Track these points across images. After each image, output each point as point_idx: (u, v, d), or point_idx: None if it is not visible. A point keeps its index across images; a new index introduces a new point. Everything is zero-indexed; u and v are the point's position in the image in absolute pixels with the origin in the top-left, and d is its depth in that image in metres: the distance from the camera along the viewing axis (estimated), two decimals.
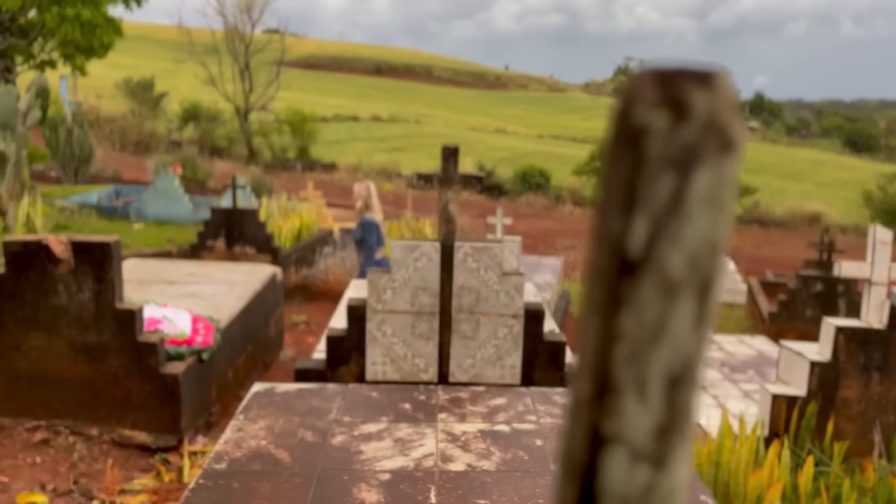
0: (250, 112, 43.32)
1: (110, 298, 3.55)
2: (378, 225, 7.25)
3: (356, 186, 7.47)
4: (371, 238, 7.14)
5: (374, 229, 7.15)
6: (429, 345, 3.59)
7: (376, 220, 7.25)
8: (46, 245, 3.51)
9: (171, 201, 13.47)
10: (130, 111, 44.02)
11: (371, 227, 7.15)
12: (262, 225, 9.46)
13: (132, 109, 44.18)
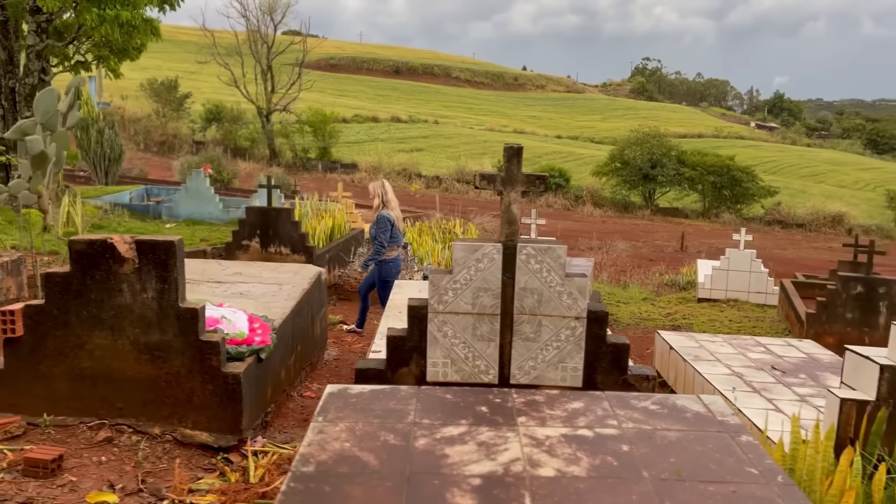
0: (272, 113, 43.52)
1: (173, 298, 3.55)
2: (392, 221, 7.12)
3: (371, 185, 7.43)
4: (383, 234, 7.02)
5: (388, 226, 7.03)
6: (490, 346, 3.56)
7: (391, 217, 7.14)
8: (112, 244, 3.51)
9: (202, 201, 13.54)
10: (154, 112, 44.44)
11: (384, 223, 7.02)
12: (296, 224, 9.47)
13: (156, 110, 44.59)
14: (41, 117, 8.47)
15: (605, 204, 41.14)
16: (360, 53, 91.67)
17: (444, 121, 68.94)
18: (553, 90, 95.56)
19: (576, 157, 55.72)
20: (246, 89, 41.93)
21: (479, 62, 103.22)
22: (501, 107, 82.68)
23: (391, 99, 79.76)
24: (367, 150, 52.20)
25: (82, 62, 12.58)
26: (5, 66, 11.35)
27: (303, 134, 44.49)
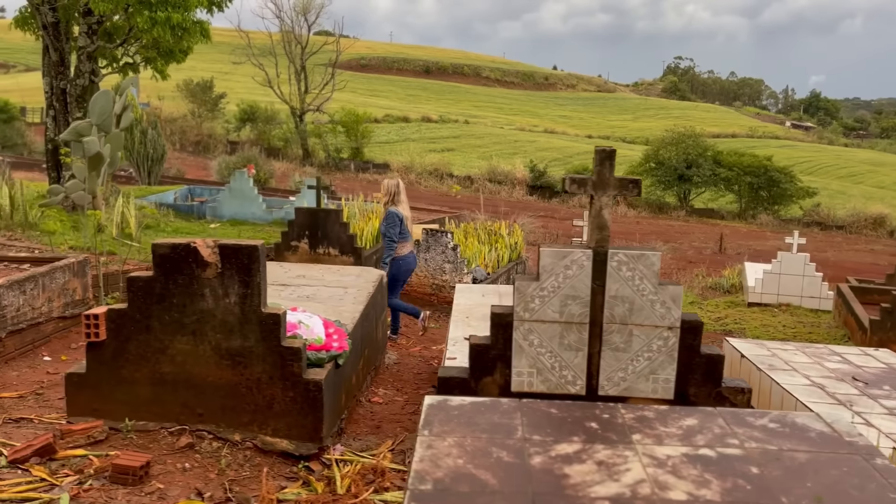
0: (305, 113, 43.77)
1: (256, 303, 3.49)
2: (402, 218, 7.12)
3: (386, 182, 7.40)
4: (392, 230, 7.00)
5: (397, 221, 7.02)
6: (577, 356, 3.45)
7: (400, 213, 7.13)
8: (195, 248, 3.47)
9: (245, 201, 13.60)
10: (190, 112, 44.94)
11: (393, 219, 7.02)
12: (345, 226, 9.44)
13: (192, 110, 45.08)
14: (97, 118, 8.53)
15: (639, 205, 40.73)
16: (390, 53, 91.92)
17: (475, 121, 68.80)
18: (584, 90, 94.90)
19: None
20: (280, 89, 42.23)
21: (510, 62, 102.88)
22: (532, 106, 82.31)
23: (421, 99, 79.86)
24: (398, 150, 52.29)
25: (130, 64, 12.69)
26: (57, 68, 11.48)
27: (335, 134, 44.68)
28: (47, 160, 11.89)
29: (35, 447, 3.22)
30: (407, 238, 7.22)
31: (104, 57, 12.53)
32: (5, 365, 4.82)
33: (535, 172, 42.65)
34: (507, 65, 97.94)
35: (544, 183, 42.54)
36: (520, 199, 41.20)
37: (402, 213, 7.13)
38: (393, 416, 4.49)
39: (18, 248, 8.00)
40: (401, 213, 7.12)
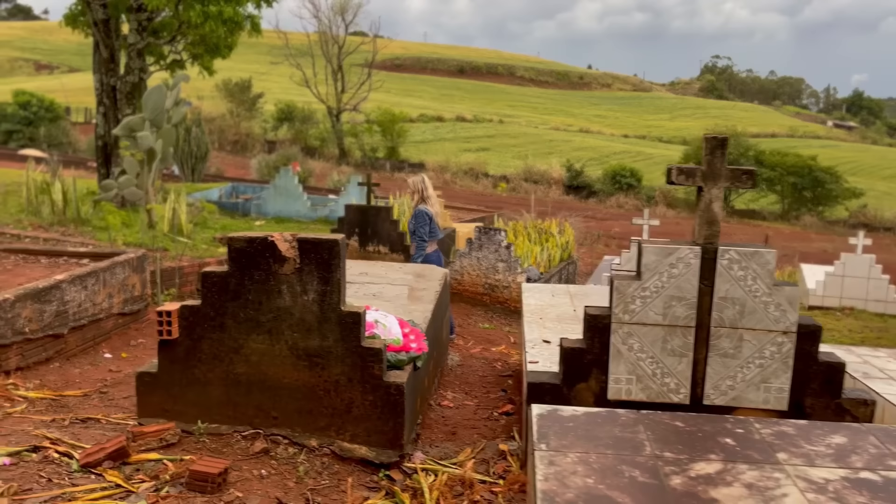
0: (342, 112, 43.86)
1: (335, 300, 3.28)
2: (431, 216, 6.88)
3: (411, 180, 7.15)
4: (422, 229, 6.76)
5: (426, 220, 6.79)
6: (681, 362, 3.17)
7: (429, 211, 6.89)
8: (272, 242, 3.27)
9: (290, 198, 13.50)
10: (228, 112, 45.31)
11: (422, 217, 6.78)
12: (395, 223, 9.25)
13: (230, 110, 45.45)
14: (150, 113, 8.46)
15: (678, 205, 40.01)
16: (424, 53, 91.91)
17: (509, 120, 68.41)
18: (619, 89, 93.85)
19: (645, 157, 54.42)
20: (317, 89, 42.38)
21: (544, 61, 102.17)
22: (566, 106, 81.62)
23: (455, 98, 79.69)
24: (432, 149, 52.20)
25: (178, 60, 12.67)
26: (107, 65, 11.49)
27: (371, 133, 44.69)
28: (97, 157, 11.91)
29: (108, 451, 3.05)
30: (437, 236, 7.00)
31: (152, 54, 12.52)
32: (67, 362, 4.70)
33: (571, 172, 42.16)
34: (542, 64, 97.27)
35: (581, 183, 42.03)
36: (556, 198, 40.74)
37: (430, 211, 6.92)
38: (466, 421, 4.25)
39: (73, 243, 7.95)
40: (430, 211, 6.90)
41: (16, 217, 9.21)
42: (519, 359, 6.01)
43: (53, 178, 10.04)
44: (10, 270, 5.19)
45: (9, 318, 4.22)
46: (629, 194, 40.18)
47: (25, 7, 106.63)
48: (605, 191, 40.30)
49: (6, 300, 4.19)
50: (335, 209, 13.68)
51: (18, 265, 5.38)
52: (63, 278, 4.69)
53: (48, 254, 5.59)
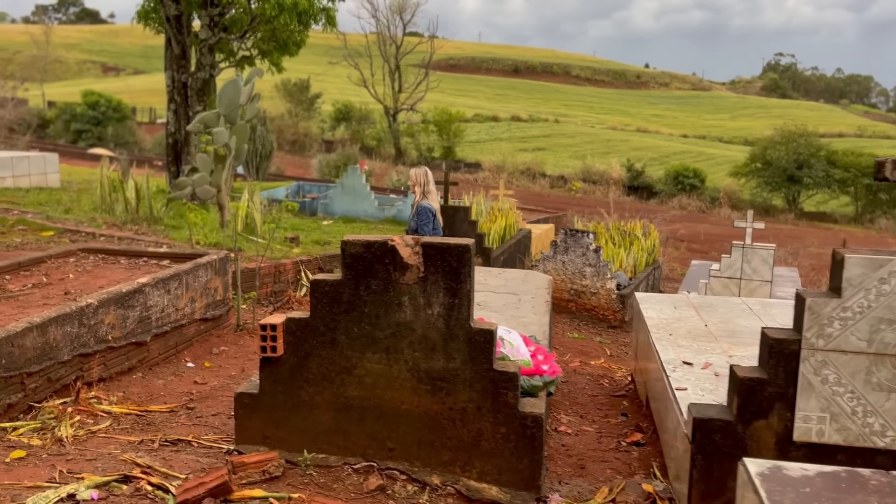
0: (399, 112, 43.72)
1: (464, 315, 2.80)
2: (435, 213, 6.35)
3: (413, 171, 6.59)
4: (426, 227, 6.23)
5: (430, 217, 6.25)
6: (890, 399, 2.60)
7: (433, 207, 6.35)
8: (393, 247, 2.81)
9: (357, 198, 13.16)
10: (287, 111, 45.64)
11: (426, 214, 6.25)
12: (473, 224, 8.78)
13: (289, 110, 45.78)
14: (224, 108, 8.16)
15: (743, 206, 38.53)
16: (479, 53, 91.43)
17: (565, 119, 67.39)
18: (677, 88, 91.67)
19: (706, 157, 52.81)
20: (374, 89, 42.32)
21: (600, 60, 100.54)
22: (623, 105, 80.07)
23: (510, 98, 79.00)
24: (488, 149, 51.69)
25: (247, 57, 12.45)
26: (178, 61, 11.32)
27: (428, 133, 44.42)
28: (167, 154, 11.77)
29: (209, 486, 2.63)
30: (440, 234, 6.47)
31: (221, 51, 12.33)
32: (150, 372, 4.35)
33: (632, 172, 41.09)
34: (598, 63, 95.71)
35: (641, 183, 40.92)
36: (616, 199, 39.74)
37: (434, 207, 6.38)
38: (592, 452, 3.72)
39: (147, 242, 7.69)
40: (433, 208, 6.37)
41: (90, 215, 9.05)
42: (624, 375, 5.45)
43: (125, 177, 9.89)
44: (90, 272, 4.89)
45: (91, 325, 3.87)
46: (692, 195, 38.92)
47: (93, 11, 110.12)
48: (666, 191, 39.10)
49: (89, 306, 3.85)
50: (403, 209, 13.29)
51: (98, 266, 5.08)
52: (146, 282, 4.34)
53: (127, 254, 5.28)
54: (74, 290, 4.46)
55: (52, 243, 7.44)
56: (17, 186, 12.07)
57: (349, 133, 45.11)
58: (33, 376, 3.52)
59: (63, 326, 3.68)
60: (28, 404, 3.50)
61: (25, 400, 3.48)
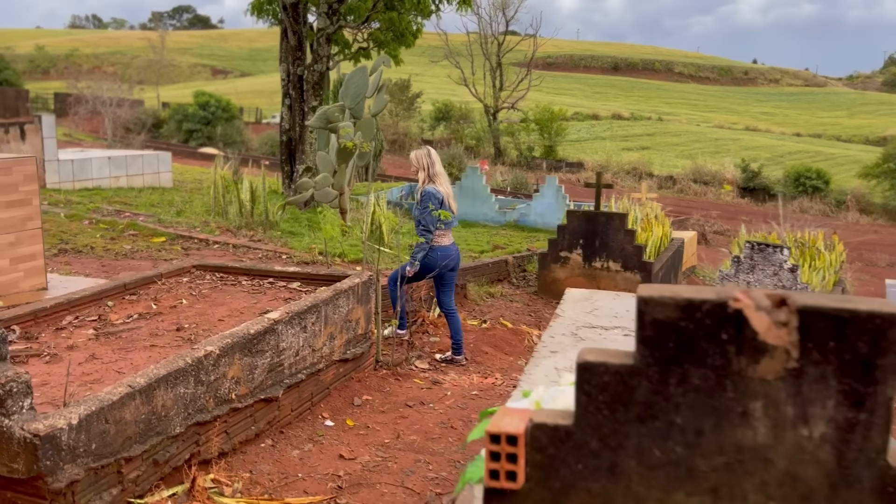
0: (499, 111, 42.52)
1: (875, 444, 1.52)
2: (441, 198, 5.04)
3: (414, 154, 5.31)
4: (430, 216, 4.95)
5: (436, 203, 4.98)
6: None
7: (439, 192, 5.04)
8: (738, 312, 1.55)
9: (476, 200, 12.00)
10: (388, 111, 45.25)
11: (429, 200, 4.97)
12: (630, 234, 7.41)
13: (389, 109, 45.36)
14: (350, 101, 7.17)
15: (874, 210, 35.10)
16: (577, 51, 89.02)
17: (668, 118, 64.40)
18: (789, 84, 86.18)
19: (826, 157, 48.85)
20: (475, 88, 41.31)
21: (705, 56, 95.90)
22: (729, 103, 75.88)
23: (609, 96, 76.39)
24: (588, 148, 49.81)
25: (363, 49, 11.52)
26: (294, 53, 10.49)
27: (528, 132, 43.01)
28: (280, 153, 10.98)
29: None
30: (450, 225, 5.15)
31: (336, 43, 11.44)
32: (281, 437, 3.27)
33: (747, 173, 38.27)
34: (703, 59, 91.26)
35: (758, 184, 38.02)
36: (729, 202, 37.11)
37: (441, 192, 5.07)
38: None
39: (264, 251, 6.77)
40: (440, 193, 5.06)
41: (202, 218, 8.28)
42: None
43: (237, 177, 9.10)
44: (207, 297, 3.87)
45: (211, 381, 2.82)
46: (814, 198, 35.79)
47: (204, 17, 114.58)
48: (786, 193, 36.11)
49: (209, 356, 2.79)
50: (526, 213, 12.03)
51: (216, 289, 4.07)
52: (278, 318, 3.26)
53: (250, 273, 4.26)
54: (189, 325, 3.45)
55: (164, 251, 6.63)
56: (131, 186, 11.61)
57: (448, 132, 44.25)
58: (134, 461, 2.48)
59: (175, 387, 2.63)
60: (126, 502, 2.46)
61: (122, 496, 2.45)
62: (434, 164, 5.16)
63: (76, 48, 74.73)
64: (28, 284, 4.44)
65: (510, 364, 5.33)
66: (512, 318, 7.08)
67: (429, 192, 5.03)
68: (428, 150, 5.25)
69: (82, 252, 6.24)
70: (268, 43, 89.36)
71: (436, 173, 5.12)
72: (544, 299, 7.76)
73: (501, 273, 8.27)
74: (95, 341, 3.21)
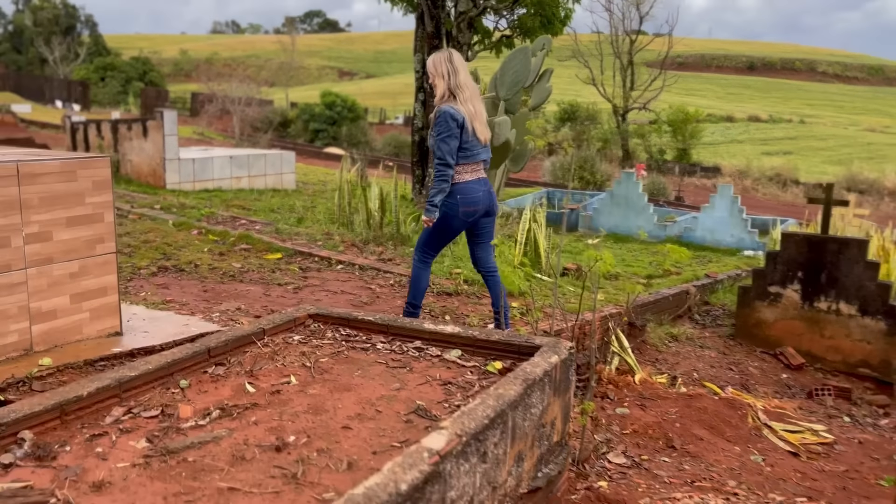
0: (629, 112, 39.98)
1: None
2: (461, 119, 3.72)
3: (430, 59, 3.90)
4: (445, 142, 3.69)
5: (451, 125, 3.68)
6: None
7: (458, 112, 3.72)
8: None
9: (630, 211, 10.22)
10: None
11: (444, 122, 3.69)
12: (871, 267, 5.48)
13: None
14: (506, 90, 5.70)
15: None
16: (708, 50, 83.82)
17: (810, 120, 58.90)
18: None
19: None
20: (603, 87, 39.04)
21: (852, 54, 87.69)
22: (881, 104, 68.74)
23: (744, 97, 71.22)
24: (724, 152, 46.18)
25: (507, 37, 10.05)
26: (430, 41, 9.18)
27: (660, 134, 40.17)
28: (412, 155, 9.71)
29: None
30: (476, 156, 3.83)
31: (476, 30, 10.02)
32: None
33: None
34: (850, 58, 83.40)
35: None
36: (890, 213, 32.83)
37: (461, 113, 3.73)
38: None
39: (396, 276, 5.41)
40: (460, 113, 3.73)
41: (325, 228, 7.09)
42: None
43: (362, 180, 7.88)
44: (327, 373, 2.51)
45: None
46: None
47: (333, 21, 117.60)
48: None
49: None
50: (691, 227, 10.14)
51: (340, 356, 2.70)
52: (445, 447, 1.82)
53: (388, 332, 2.87)
54: (296, 437, 2.07)
55: (278, 271, 5.42)
56: (252, 187, 10.74)
57: (573, 133, 42.13)
58: None
59: None
60: None
61: None
62: (458, 73, 3.80)
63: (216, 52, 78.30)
64: (95, 329, 3.25)
65: (742, 461, 3.68)
66: (710, 375, 5.38)
67: (444, 113, 3.72)
68: (450, 54, 3.86)
69: (184, 271, 5.13)
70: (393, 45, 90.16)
71: (459, 85, 3.79)
72: (745, 346, 5.97)
73: (681, 306, 6.56)
74: (143, 469, 1.88)
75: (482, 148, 3.89)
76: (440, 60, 3.84)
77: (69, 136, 10.82)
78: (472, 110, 3.80)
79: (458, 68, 3.82)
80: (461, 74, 3.81)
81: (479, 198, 3.88)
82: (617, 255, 8.82)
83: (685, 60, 78.40)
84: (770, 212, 25.24)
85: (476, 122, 3.80)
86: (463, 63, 3.87)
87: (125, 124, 9.98)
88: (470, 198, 3.83)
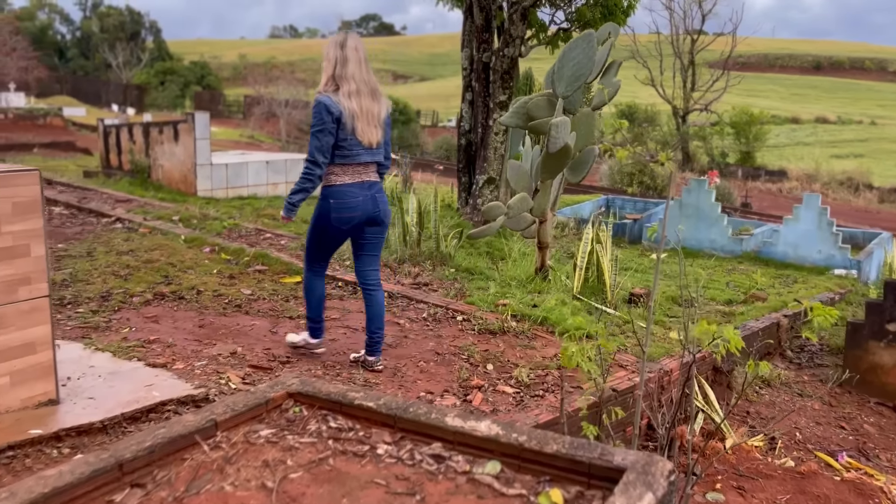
0: (689, 113, 38.22)
1: None
2: (337, 114, 3.12)
3: (326, 43, 3.28)
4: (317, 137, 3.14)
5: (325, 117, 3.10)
6: None
7: (334, 105, 3.13)
8: None
9: (702, 222, 9.06)
10: None
11: (319, 113, 3.12)
12: None
13: None
14: (566, 86, 4.75)
15: None
16: (772, 50, 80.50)
17: (882, 121, 55.67)
18: None
19: None
20: (662, 88, 37.42)
21: None
22: None
23: (810, 98, 67.99)
24: (790, 154, 43.84)
25: (565, 30, 9.05)
26: (480, 35, 8.27)
27: (723, 136, 38.27)
28: (458, 159, 8.81)
29: None
30: (354, 157, 3.22)
31: (530, 24, 9.05)
32: None
33: None
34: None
35: None
36: None
37: (338, 106, 3.15)
38: None
39: (431, 306, 4.50)
40: (336, 106, 3.15)
41: None
42: None
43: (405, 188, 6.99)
44: (306, 492, 1.56)
45: None
46: None
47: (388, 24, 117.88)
48: None
49: None
50: (771, 241, 8.93)
51: (319, 476, 1.79)
52: None
53: (396, 425, 1.94)
54: None
55: (293, 299, 4.58)
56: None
57: (631, 136, 40.56)
58: None
59: None
60: None
61: None
62: (347, 62, 3.22)
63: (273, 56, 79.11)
64: (19, 398, 2.44)
65: None
66: (816, 435, 4.30)
67: (319, 104, 3.19)
68: (345, 38, 3.26)
69: (184, 299, 4.33)
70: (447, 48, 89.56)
71: (345, 76, 3.21)
72: (856, 396, 4.87)
73: (771, 340, 5.46)
74: None
75: (364, 149, 3.27)
76: (333, 43, 3.22)
77: (101, 140, 10.31)
78: (355, 107, 3.20)
79: (348, 57, 3.21)
80: (350, 65, 3.21)
81: (358, 203, 3.30)
82: (688, 271, 7.72)
83: (747, 60, 75.38)
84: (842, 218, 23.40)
85: (359, 121, 3.21)
86: (359, 51, 3.21)
87: (156, 127, 9.37)
88: (345, 203, 3.28)
